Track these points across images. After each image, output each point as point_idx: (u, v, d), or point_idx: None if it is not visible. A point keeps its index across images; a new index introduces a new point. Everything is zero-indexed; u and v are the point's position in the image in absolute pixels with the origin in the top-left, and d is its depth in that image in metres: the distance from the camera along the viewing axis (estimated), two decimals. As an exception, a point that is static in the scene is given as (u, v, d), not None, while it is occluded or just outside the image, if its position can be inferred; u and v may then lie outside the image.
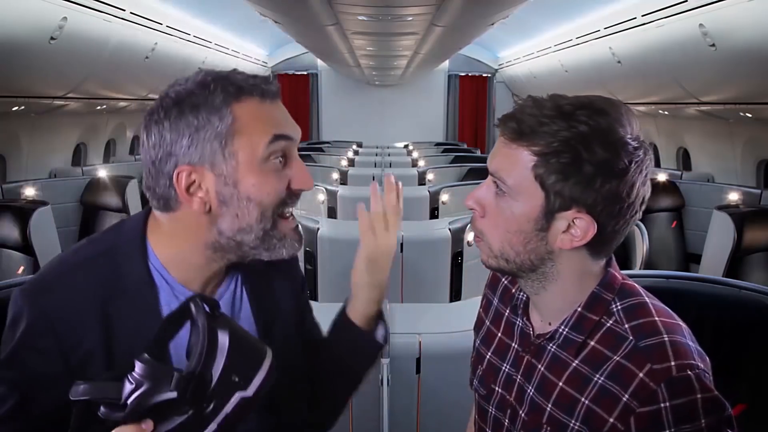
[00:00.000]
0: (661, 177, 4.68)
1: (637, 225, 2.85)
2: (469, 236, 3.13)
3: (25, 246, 3.38)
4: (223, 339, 0.70)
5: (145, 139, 0.82)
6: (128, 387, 0.66)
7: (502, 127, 0.81)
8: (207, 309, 0.71)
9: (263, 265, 0.92)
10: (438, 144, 9.94)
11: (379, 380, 1.76)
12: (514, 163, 0.78)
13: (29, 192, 4.12)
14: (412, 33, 5.27)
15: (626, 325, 0.80)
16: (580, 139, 0.75)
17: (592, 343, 0.81)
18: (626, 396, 0.75)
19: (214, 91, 0.80)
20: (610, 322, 0.81)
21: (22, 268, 3.37)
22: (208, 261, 0.86)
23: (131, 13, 4.28)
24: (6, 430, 0.78)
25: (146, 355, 0.68)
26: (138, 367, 0.66)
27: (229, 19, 6.64)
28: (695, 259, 4.13)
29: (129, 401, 0.65)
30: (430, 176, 5.65)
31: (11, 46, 3.21)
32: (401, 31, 5.23)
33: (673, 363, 0.74)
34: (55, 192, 4.39)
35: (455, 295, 3.24)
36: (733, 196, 4.21)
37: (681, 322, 0.81)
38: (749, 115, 4.17)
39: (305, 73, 11.65)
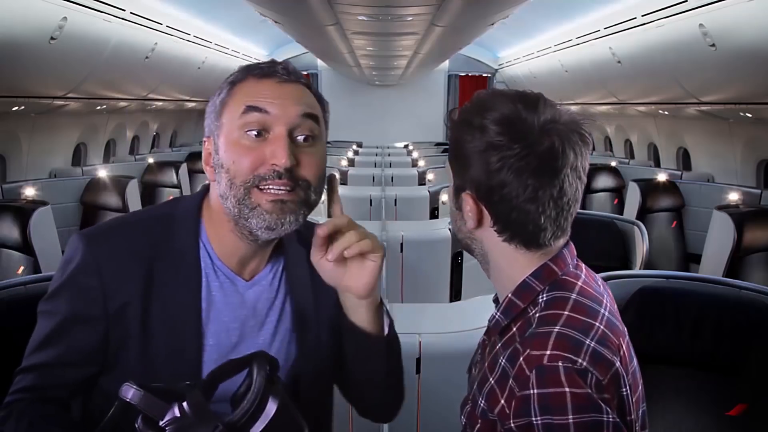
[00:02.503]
0: (661, 177, 4.68)
1: (637, 225, 2.85)
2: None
3: (25, 246, 3.37)
4: (272, 406, 0.73)
5: None
6: (171, 413, 0.69)
7: None
8: (268, 369, 0.75)
9: (307, 260, 0.94)
10: (438, 144, 9.95)
11: (379, 380, 1.76)
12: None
13: (29, 192, 4.11)
14: (412, 33, 5.27)
15: (537, 314, 0.80)
16: (456, 128, 0.84)
17: (514, 328, 0.83)
18: (511, 379, 0.76)
19: (232, 75, 0.90)
20: (533, 311, 0.81)
21: (22, 268, 3.36)
22: (234, 235, 0.89)
23: (131, 13, 4.27)
24: (44, 356, 0.86)
25: (199, 391, 0.72)
26: (189, 400, 0.70)
27: (229, 19, 6.63)
28: (695, 259, 4.13)
29: (167, 427, 0.69)
30: (430, 176, 5.65)
31: (11, 46, 3.21)
32: (401, 31, 5.23)
33: (548, 352, 0.73)
34: (55, 192, 4.38)
35: (455, 295, 3.24)
36: (733, 196, 4.21)
37: (600, 325, 0.77)
38: (749, 115, 4.17)
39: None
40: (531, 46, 7.87)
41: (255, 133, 0.85)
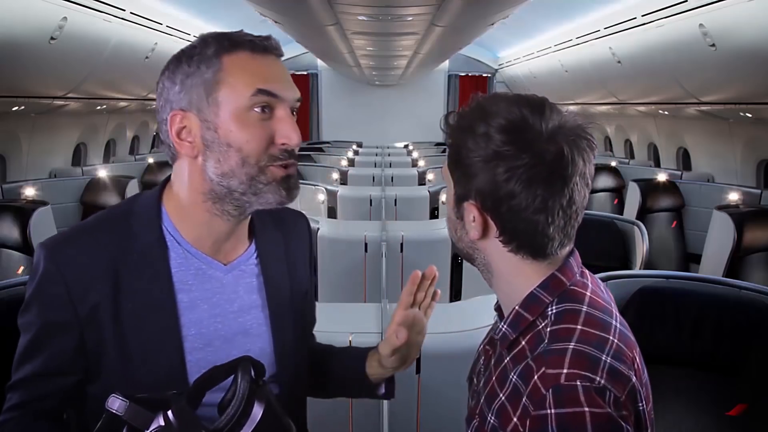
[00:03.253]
0: (661, 177, 4.68)
1: (637, 225, 2.85)
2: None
3: (25, 246, 3.37)
4: (258, 410, 0.73)
5: (156, 93, 0.89)
6: (156, 423, 0.69)
7: None
8: (253, 374, 0.75)
9: (282, 243, 0.98)
10: (438, 144, 9.94)
11: (379, 380, 1.76)
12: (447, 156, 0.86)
13: (29, 192, 4.11)
14: (412, 33, 5.27)
15: (548, 328, 0.77)
16: (456, 134, 0.80)
17: (523, 342, 0.80)
18: (525, 397, 0.74)
19: (209, 44, 0.86)
20: (542, 324, 0.79)
21: (22, 268, 3.36)
22: (210, 215, 0.89)
23: (131, 13, 4.28)
24: (28, 369, 0.86)
25: (184, 400, 0.72)
26: (173, 409, 0.70)
27: (229, 19, 6.63)
28: (695, 259, 4.13)
29: None
30: (430, 176, 5.64)
31: (11, 46, 3.21)
32: (401, 31, 5.24)
33: (564, 371, 0.71)
34: (55, 192, 4.38)
35: (455, 295, 3.24)
36: (733, 196, 4.21)
37: (614, 339, 0.76)
38: (749, 115, 4.17)
39: (305, 73, 11.65)
40: (531, 46, 7.88)
41: (260, 110, 0.85)
